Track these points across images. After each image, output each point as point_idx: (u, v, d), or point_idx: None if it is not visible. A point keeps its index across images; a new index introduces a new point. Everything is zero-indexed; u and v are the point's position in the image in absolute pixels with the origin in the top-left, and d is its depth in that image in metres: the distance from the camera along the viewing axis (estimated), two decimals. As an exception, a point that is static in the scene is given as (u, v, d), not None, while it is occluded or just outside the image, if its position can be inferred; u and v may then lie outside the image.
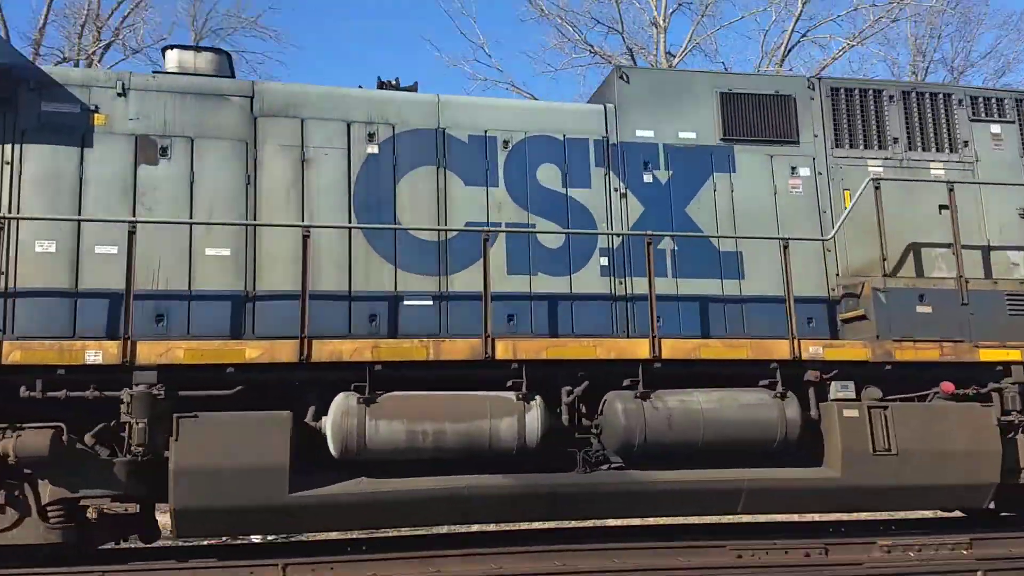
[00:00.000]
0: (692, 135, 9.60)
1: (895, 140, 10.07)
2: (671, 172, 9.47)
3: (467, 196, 8.98)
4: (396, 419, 8.09)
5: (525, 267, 8.98)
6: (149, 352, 7.74)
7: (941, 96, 10.34)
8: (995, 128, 10.43)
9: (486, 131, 9.15)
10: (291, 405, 8.14)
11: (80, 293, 8.01)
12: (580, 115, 9.55)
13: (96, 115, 8.30)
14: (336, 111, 8.87)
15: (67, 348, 7.63)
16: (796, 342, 8.93)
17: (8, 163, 8.07)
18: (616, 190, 9.33)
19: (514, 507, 8.56)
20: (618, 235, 9.14)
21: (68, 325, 7.97)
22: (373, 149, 8.85)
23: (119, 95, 8.38)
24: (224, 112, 8.60)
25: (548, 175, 9.21)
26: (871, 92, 10.17)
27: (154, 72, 8.98)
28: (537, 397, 8.44)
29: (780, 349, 8.94)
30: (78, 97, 8.29)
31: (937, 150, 10.18)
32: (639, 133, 9.48)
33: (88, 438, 7.74)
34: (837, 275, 9.58)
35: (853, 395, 9.05)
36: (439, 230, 8.85)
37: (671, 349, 8.74)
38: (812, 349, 9.01)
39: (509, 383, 8.39)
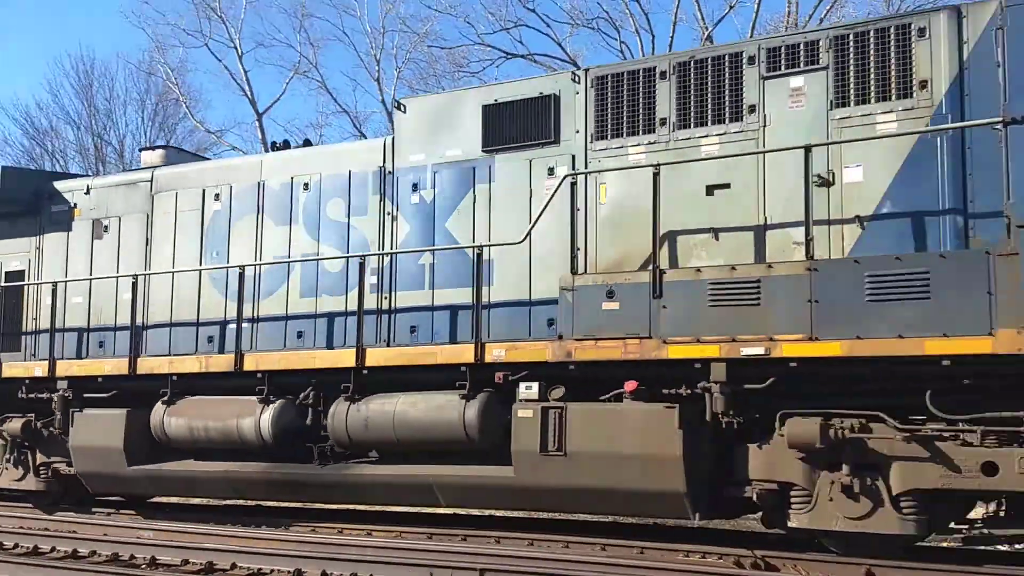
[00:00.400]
0: (458, 152, 10.12)
1: (663, 121, 9.17)
2: (436, 190, 10.17)
3: (275, 235, 11.00)
4: (181, 417, 10.69)
5: (312, 291, 10.67)
6: (62, 368, 11.60)
7: (727, 58, 8.98)
8: (795, 82, 8.73)
9: (292, 178, 11.02)
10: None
11: (66, 329, 12.15)
12: (363, 151, 10.81)
13: (75, 210, 12.41)
14: (198, 181, 11.66)
15: (26, 366, 11.90)
16: (479, 346, 9.19)
17: (39, 248, 12.64)
18: (389, 214, 10.40)
19: (266, 491, 10.48)
20: (331, 259, 10.46)
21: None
22: (218, 206, 11.43)
23: (85, 193, 12.38)
24: (136, 195, 12.03)
25: (335, 208, 10.73)
26: (640, 73, 9.34)
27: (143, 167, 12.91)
28: (278, 401, 10.23)
29: (468, 353, 9.25)
30: (67, 199, 12.50)
31: (714, 122, 8.96)
32: (412, 158, 10.35)
33: (39, 424, 11.83)
34: (585, 274, 9.26)
35: (535, 395, 8.95)
36: (206, 268, 11.17)
37: (374, 357, 9.78)
38: (495, 352, 9.18)
39: (257, 389, 10.35)
